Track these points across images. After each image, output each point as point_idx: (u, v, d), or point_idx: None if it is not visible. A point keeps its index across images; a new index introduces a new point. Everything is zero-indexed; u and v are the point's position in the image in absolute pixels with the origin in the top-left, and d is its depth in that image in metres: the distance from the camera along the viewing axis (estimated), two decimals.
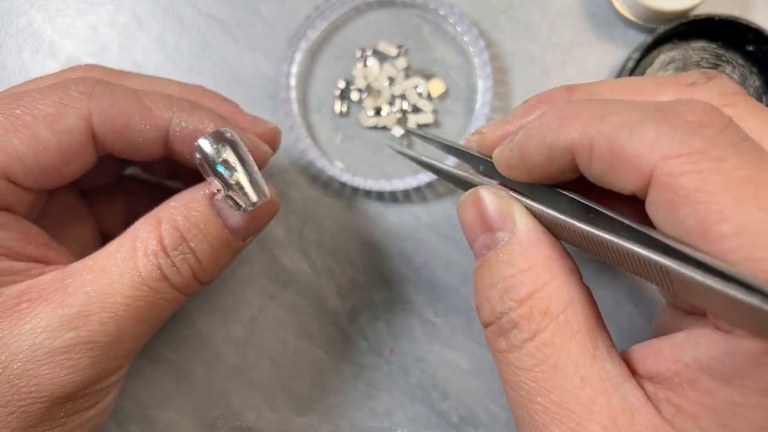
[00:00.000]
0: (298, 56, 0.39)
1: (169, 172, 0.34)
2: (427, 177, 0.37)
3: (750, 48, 0.37)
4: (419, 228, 0.38)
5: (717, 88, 0.21)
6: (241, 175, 0.24)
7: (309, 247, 0.38)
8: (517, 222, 0.21)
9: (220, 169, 0.24)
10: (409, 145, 0.39)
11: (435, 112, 0.38)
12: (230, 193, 0.24)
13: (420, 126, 0.39)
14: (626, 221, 0.20)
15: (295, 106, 0.38)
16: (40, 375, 0.22)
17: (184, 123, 0.26)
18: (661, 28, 0.36)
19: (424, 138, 0.30)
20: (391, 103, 0.39)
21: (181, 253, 0.24)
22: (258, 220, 0.27)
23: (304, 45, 0.39)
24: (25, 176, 0.24)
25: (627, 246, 0.18)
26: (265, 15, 0.40)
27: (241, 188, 0.24)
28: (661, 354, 0.19)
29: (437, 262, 0.38)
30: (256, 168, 0.24)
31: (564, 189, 0.22)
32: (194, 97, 0.30)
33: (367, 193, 0.38)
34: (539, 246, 0.20)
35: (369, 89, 0.39)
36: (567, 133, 0.19)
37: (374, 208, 0.38)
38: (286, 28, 0.40)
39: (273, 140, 0.31)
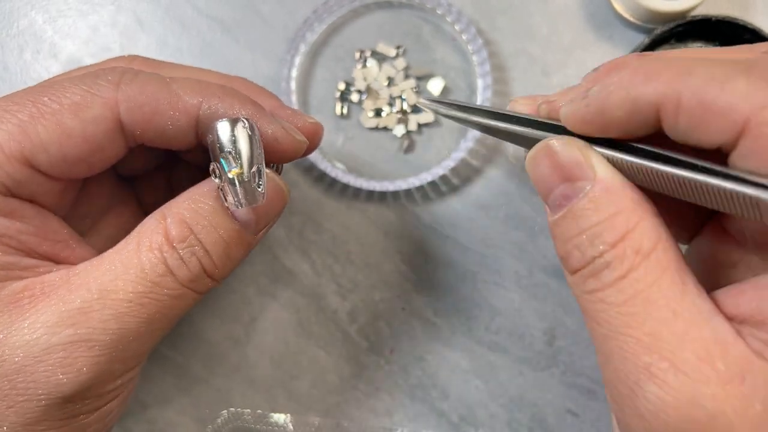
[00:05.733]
0: (298, 59, 0.39)
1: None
2: (429, 176, 0.37)
3: None
4: (419, 228, 0.38)
5: None
6: (241, 173, 0.23)
7: (310, 247, 0.38)
8: (596, 169, 0.21)
9: (222, 161, 0.23)
10: (411, 146, 0.39)
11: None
12: (224, 185, 0.23)
13: (420, 126, 0.39)
14: (702, 162, 0.20)
15: (295, 109, 0.38)
16: (37, 372, 0.22)
17: (214, 108, 0.25)
18: (659, 29, 0.36)
19: (450, 106, 0.27)
20: (390, 104, 0.39)
21: (188, 246, 0.24)
22: (267, 212, 0.26)
23: (303, 48, 0.39)
24: (50, 165, 0.24)
25: (715, 182, 0.19)
26: (265, 15, 0.40)
27: (234, 186, 0.23)
28: (745, 296, 0.20)
29: (437, 262, 0.38)
30: (262, 169, 0.24)
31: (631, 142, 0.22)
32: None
33: (369, 194, 0.38)
34: (623, 190, 0.21)
35: (368, 90, 0.39)
36: (653, 87, 0.19)
37: (375, 208, 0.39)
38: (286, 28, 0.40)
39: (313, 135, 0.30)
